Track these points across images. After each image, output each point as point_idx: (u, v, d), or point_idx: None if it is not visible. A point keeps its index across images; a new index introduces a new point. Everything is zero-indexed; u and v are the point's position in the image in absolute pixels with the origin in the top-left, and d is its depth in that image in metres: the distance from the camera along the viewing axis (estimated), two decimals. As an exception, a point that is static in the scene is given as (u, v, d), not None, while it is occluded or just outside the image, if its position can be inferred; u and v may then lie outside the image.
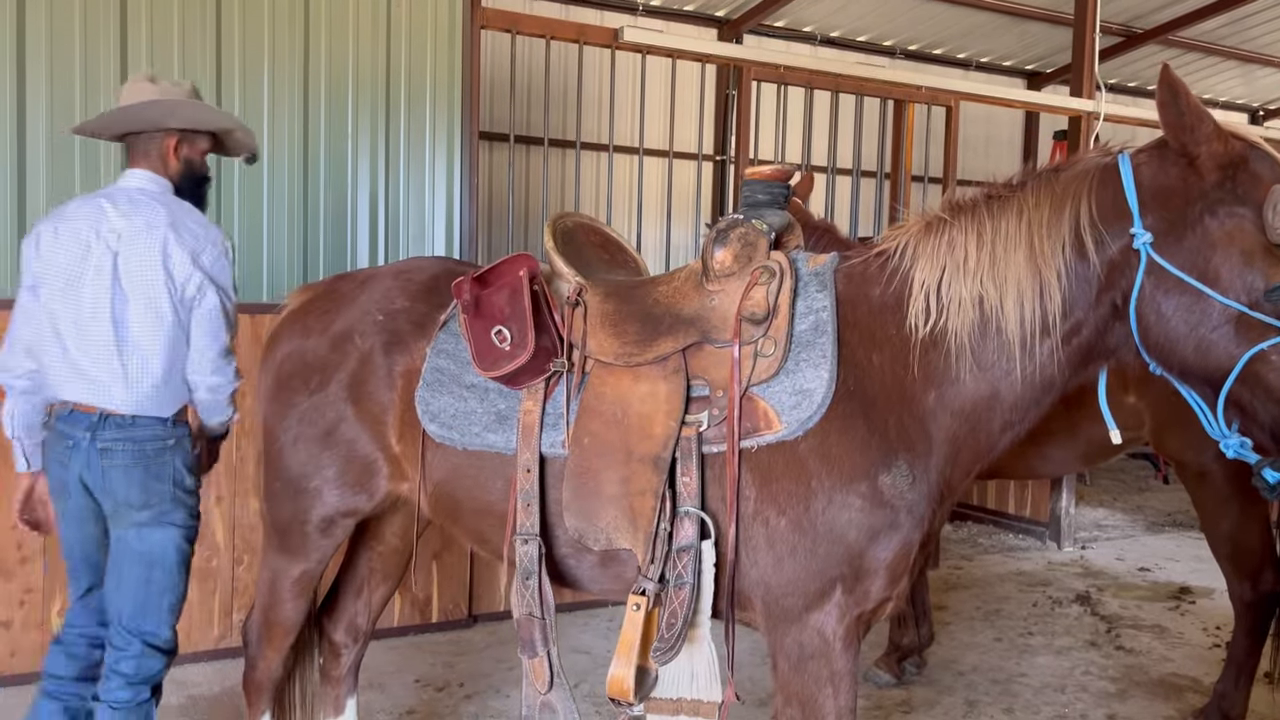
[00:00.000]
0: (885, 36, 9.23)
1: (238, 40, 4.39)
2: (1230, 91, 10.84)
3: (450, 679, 4.15)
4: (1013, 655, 4.53)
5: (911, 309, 2.05)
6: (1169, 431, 3.51)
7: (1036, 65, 9.96)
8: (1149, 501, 8.04)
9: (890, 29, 9.07)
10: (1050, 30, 9.01)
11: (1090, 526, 7.07)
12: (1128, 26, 9.02)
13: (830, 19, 8.82)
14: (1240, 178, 1.78)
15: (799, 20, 8.83)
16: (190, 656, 4.16)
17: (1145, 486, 8.46)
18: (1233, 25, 9.10)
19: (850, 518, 2.03)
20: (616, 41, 4.90)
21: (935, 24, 8.95)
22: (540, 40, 4.96)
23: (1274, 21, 9.05)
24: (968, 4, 8.47)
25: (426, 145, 4.70)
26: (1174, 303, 1.85)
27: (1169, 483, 8.53)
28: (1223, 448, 1.88)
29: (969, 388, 2.02)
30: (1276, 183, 1.74)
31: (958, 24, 8.95)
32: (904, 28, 9.04)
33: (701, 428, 2.13)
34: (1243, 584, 3.53)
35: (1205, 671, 4.36)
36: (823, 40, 9.07)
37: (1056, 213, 1.92)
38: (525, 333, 2.22)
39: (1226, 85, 10.66)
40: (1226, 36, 9.39)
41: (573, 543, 2.25)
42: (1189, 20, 8.83)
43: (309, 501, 2.55)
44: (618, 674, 2.11)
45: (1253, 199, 1.77)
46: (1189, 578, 5.85)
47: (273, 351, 2.66)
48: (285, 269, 4.50)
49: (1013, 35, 9.19)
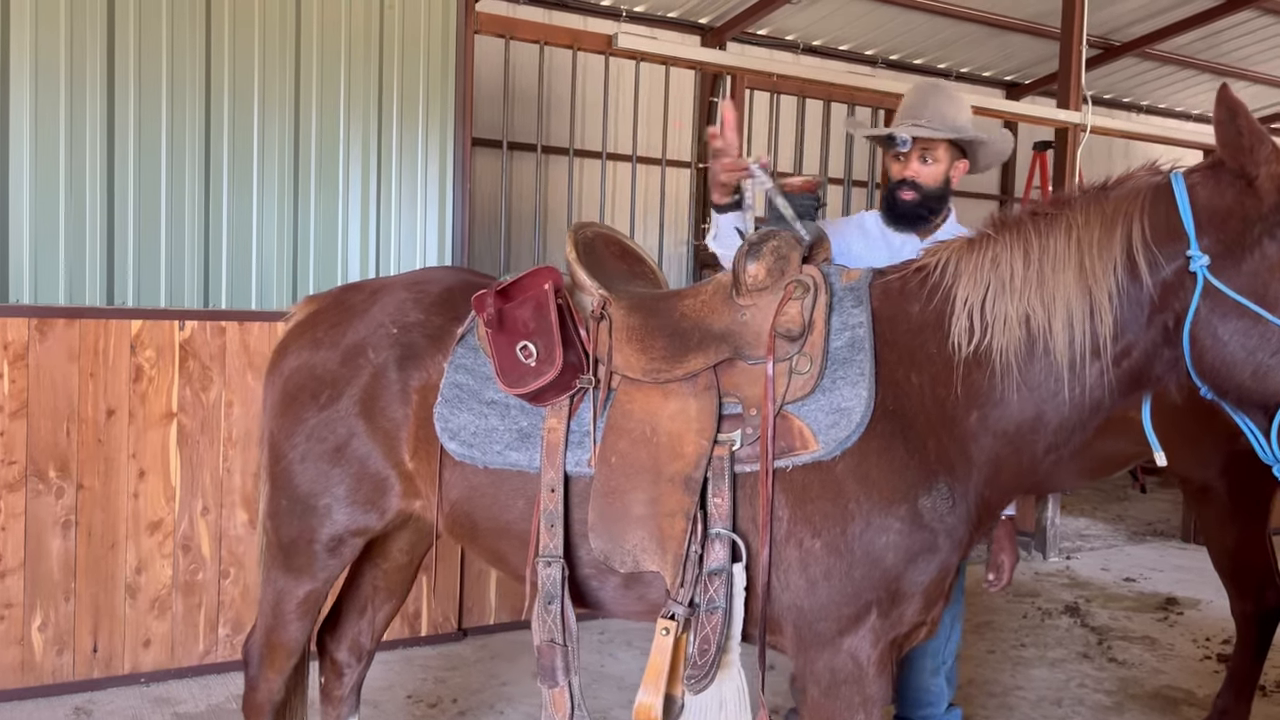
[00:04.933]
0: (867, 46, 9.24)
1: (228, 46, 4.28)
2: (1204, 104, 10.96)
3: (443, 695, 4.06)
4: (1007, 667, 4.52)
5: (954, 327, 2.00)
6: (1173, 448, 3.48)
7: (1015, 76, 10.02)
8: (1128, 511, 8.10)
9: (872, 38, 9.09)
10: (1030, 42, 9.07)
11: (1073, 536, 7.10)
12: (1106, 39, 9.10)
13: (813, 28, 8.81)
14: None
15: (782, 29, 8.82)
16: (175, 673, 4.06)
17: (1124, 496, 8.52)
18: (1207, 40, 9.23)
19: (888, 541, 1.98)
20: (611, 48, 4.85)
21: (917, 34, 8.98)
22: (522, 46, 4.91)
23: (1246, 36, 9.19)
24: (950, 15, 8.50)
25: (419, 150, 4.62)
26: (1231, 327, 1.81)
27: (1146, 492, 8.66)
28: (1276, 472, 1.85)
29: (1014, 409, 1.98)
30: None
31: (939, 34, 8.98)
32: (886, 37, 9.06)
33: (734, 447, 2.07)
34: (1244, 600, 3.53)
35: (1199, 684, 4.37)
36: (805, 49, 9.07)
37: (1108, 232, 1.88)
38: (552, 348, 2.15)
39: (1200, 98, 10.79)
40: (1201, 50, 9.52)
41: (596, 564, 2.18)
42: (1165, 34, 8.94)
43: (318, 520, 2.47)
44: (646, 702, 2.04)
45: None
46: (1174, 588, 5.87)
47: (280, 364, 2.57)
48: (275, 276, 4.40)
49: (993, 46, 9.24)
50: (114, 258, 4.15)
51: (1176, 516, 7.64)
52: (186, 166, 4.23)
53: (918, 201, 2.89)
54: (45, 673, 3.83)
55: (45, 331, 3.77)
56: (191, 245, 4.25)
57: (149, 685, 4.01)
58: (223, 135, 4.29)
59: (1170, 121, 10.91)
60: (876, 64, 9.40)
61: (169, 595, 4.04)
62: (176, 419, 4.01)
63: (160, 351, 3.97)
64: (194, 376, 4.03)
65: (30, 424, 3.77)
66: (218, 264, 4.31)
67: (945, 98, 2.93)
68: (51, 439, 3.80)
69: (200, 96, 4.24)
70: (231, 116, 4.29)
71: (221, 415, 4.09)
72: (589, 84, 6.23)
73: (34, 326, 3.76)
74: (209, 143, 4.28)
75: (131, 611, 3.98)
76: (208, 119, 4.27)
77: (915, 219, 2.91)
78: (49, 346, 3.78)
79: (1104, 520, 7.74)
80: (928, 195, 2.90)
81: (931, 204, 2.92)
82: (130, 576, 3.97)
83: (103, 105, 4.09)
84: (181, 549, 4.05)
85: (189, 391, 4.03)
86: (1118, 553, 6.76)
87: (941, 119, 2.85)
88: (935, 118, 2.85)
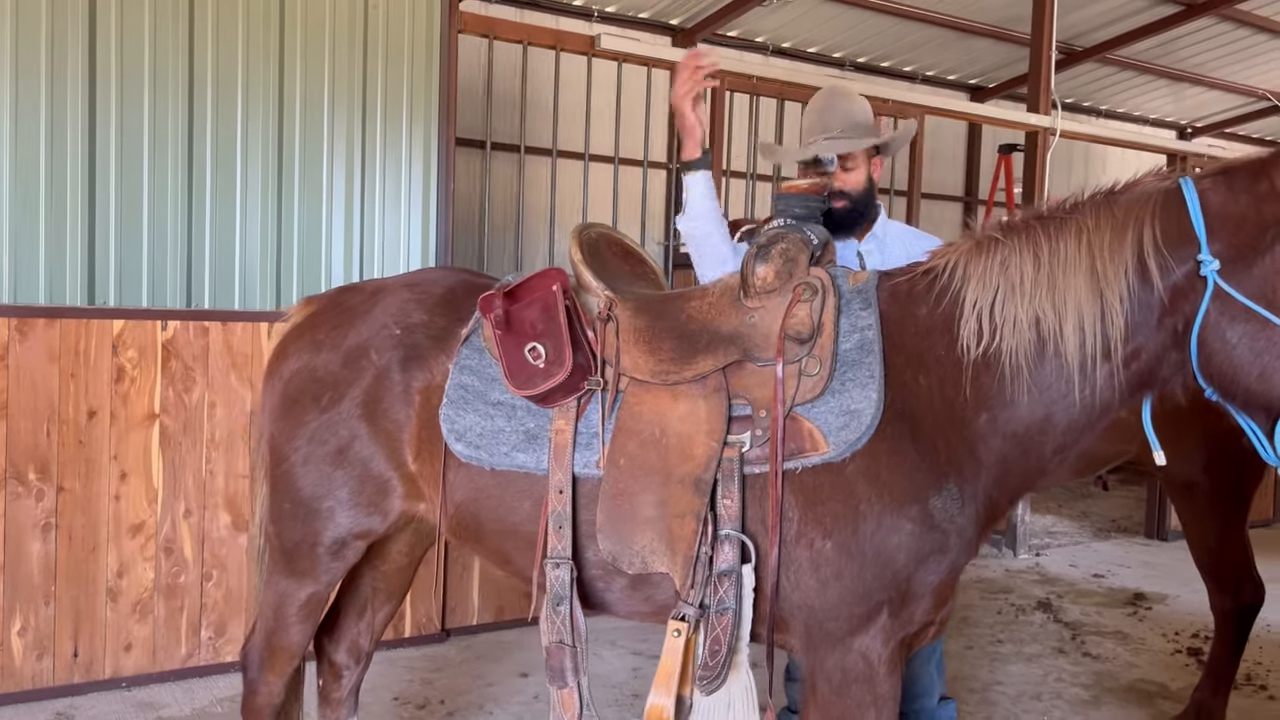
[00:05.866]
0: (836, 49, 9.32)
1: (211, 40, 4.23)
2: (1161, 109, 11.19)
3: (430, 696, 4.05)
4: (985, 663, 4.59)
5: (963, 329, 2.03)
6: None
7: (980, 80, 10.15)
8: (1093, 508, 8.24)
9: (840, 41, 9.16)
10: (995, 46, 9.20)
11: (1042, 534, 7.22)
12: (1069, 45, 9.24)
13: (783, 30, 8.87)
14: None
15: (752, 30, 8.86)
16: (157, 676, 4.02)
17: (1087, 493, 8.67)
18: (1164, 46, 9.42)
19: (900, 541, 2.01)
20: (594, 49, 4.86)
21: (884, 37, 9.07)
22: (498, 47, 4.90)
23: (1201, 44, 9.39)
24: (917, 18, 8.60)
25: (403, 149, 4.60)
26: (1240, 330, 1.86)
27: (1108, 489, 8.81)
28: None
29: (1023, 411, 2.02)
30: None
31: (906, 38, 9.08)
32: (854, 40, 9.14)
33: (744, 448, 2.09)
34: (1223, 595, 3.61)
35: (1171, 677, 4.47)
36: (774, 50, 9.13)
37: (1119, 236, 1.92)
38: (561, 349, 2.16)
39: (1157, 103, 11.00)
40: (1159, 56, 9.71)
41: (603, 565, 2.20)
42: (1124, 40, 9.11)
43: (321, 523, 2.46)
44: (658, 703, 2.07)
45: None
46: (1141, 584, 5.99)
47: (279, 367, 2.55)
48: (258, 275, 4.36)
49: (959, 50, 9.36)
50: (95, 256, 4.09)
51: (1139, 513, 7.79)
52: (169, 165, 4.18)
53: (849, 209, 3.00)
54: (25, 678, 3.78)
55: (25, 332, 3.71)
56: (174, 244, 4.20)
57: (130, 690, 3.96)
58: (206, 133, 4.24)
59: (1129, 125, 11.11)
60: (844, 66, 9.49)
61: (151, 598, 3.99)
62: (159, 420, 3.97)
63: (142, 352, 3.93)
64: (176, 377, 3.99)
65: (9, 425, 3.71)
66: (200, 263, 4.26)
67: (845, 99, 3.02)
68: (31, 440, 3.75)
69: (183, 94, 4.19)
70: (215, 114, 4.24)
71: (204, 416, 4.05)
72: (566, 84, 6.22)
73: (14, 326, 3.70)
74: (192, 141, 4.23)
75: (113, 615, 3.93)
76: (190, 116, 4.22)
77: (850, 225, 3.02)
78: (29, 347, 3.72)
79: (1070, 518, 7.88)
80: (857, 200, 3.01)
81: (862, 208, 3.03)
82: (111, 580, 3.92)
83: (84, 102, 4.03)
84: (163, 551, 4.00)
85: (171, 392, 3.99)
86: (1085, 549, 6.88)
87: (850, 122, 2.94)
88: (845, 124, 2.93)
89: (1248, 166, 1.92)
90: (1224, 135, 11.67)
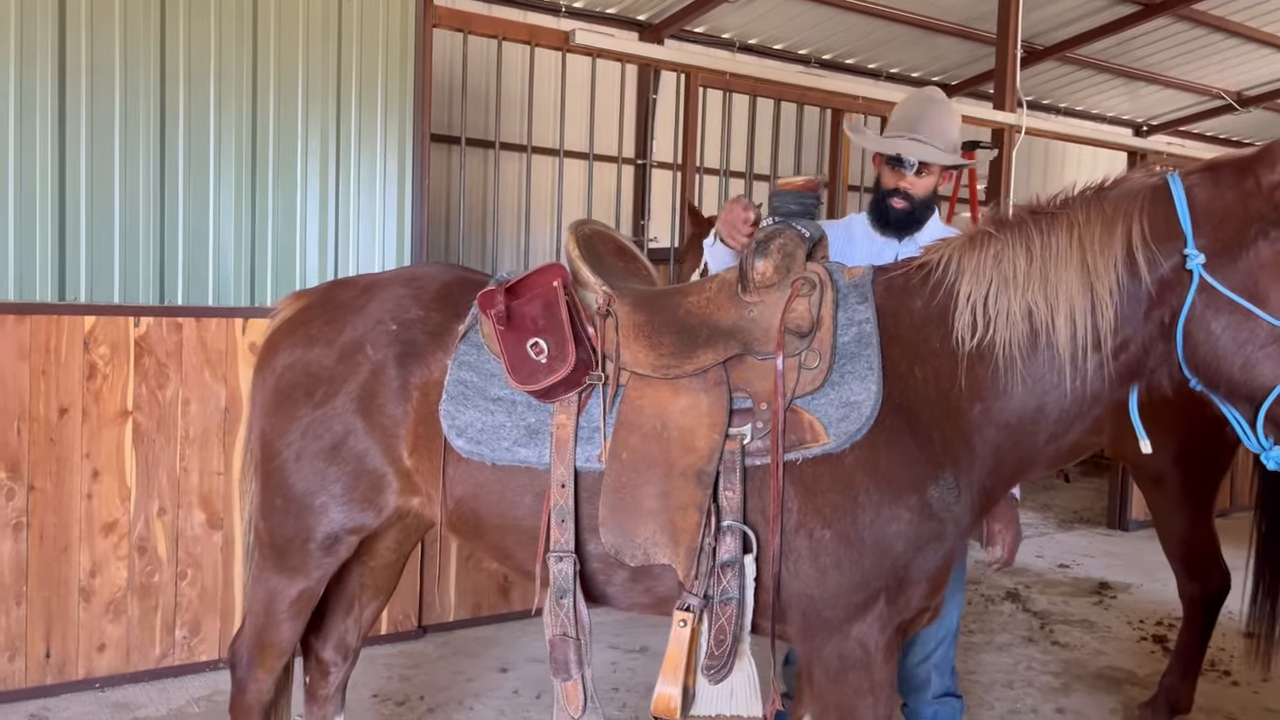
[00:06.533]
0: (801, 45, 9.39)
1: (183, 37, 4.16)
2: (1118, 107, 11.39)
3: (409, 693, 4.04)
4: (959, 653, 4.63)
5: (958, 322, 2.07)
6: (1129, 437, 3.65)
7: (943, 78, 10.27)
8: (1055, 500, 8.38)
9: (807, 38, 9.23)
10: (959, 44, 9.32)
11: (1006, 525, 7.32)
12: (1029, 43, 9.37)
13: (749, 26, 8.92)
14: None
15: (719, 27, 8.91)
16: (130, 677, 3.96)
17: (1050, 485, 8.81)
18: (1121, 45, 9.59)
19: (898, 530, 2.05)
20: (568, 44, 4.85)
21: (850, 34, 9.15)
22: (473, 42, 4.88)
23: (1159, 43, 9.57)
24: (882, 16, 8.68)
25: (378, 144, 4.56)
26: (1223, 322, 1.91)
27: (1070, 481, 8.97)
28: (1264, 459, 1.96)
29: (1016, 401, 2.06)
30: None
31: (871, 35, 9.16)
32: (820, 37, 9.22)
33: (745, 440, 2.11)
34: (1192, 583, 3.70)
35: (1138, 664, 4.57)
36: (741, 47, 9.17)
37: (1108, 230, 1.97)
38: (564, 345, 2.17)
39: (1114, 101, 11.20)
40: (1116, 56, 9.88)
41: (603, 558, 2.21)
42: (1083, 40, 9.26)
43: (314, 519, 2.44)
44: (665, 693, 2.08)
45: None
46: (1105, 573, 6.11)
47: (271, 361, 2.53)
48: (232, 271, 4.30)
49: (923, 48, 9.46)
50: (66, 252, 4.02)
51: (1100, 504, 7.95)
52: (141, 159, 4.11)
53: (908, 211, 3.02)
54: (-3, 680, 3.71)
55: (-5, 328, 3.65)
56: (146, 239, 4.14)
57: (104, 690, 3.90)
58: (178, 127, 4.18)
59: (1087, 123, 11.29)
60: (810, 63, 9.55)
61: (124, 598, 3.94)
62: (132, 417, 3.91)
63: (115, 348, 3.87)
64: (150, 374, 3.94)
65: (-21, 423, 3.64)
66: (173, 259, 4.21)
67: (943, 111, 3.01)
68: (1, 439, 3.68)
69: (155, 87, 4.12)
70: (187, 108, 4.19)
71: (178, 413, 4.00)
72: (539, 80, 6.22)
73: (-17, 323, 3.63)
74: (164, 135, 4.16)
75: (85, 615, 3.87)
76: (163, 110, 4.15)
77: (904, 226, 3.03)
78: (-1, 343, 3.66)
79: (1033, 509, 8.01)
80: (917, 205, 3.02)
81: (920, 213, 3.04)
82: (84, 579, 3.86)
83: (54, 94, 3.96)
84: (137, 550, 3.95)
85: (145, 389, 3.93)
86: (1049, 540, 7.00)
87: (941, 135, 2.94)
88: (935, 134, 2.94)
89: (1233, 164, 1.97)
90: (1178, 133, 11.90)
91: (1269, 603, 3.64)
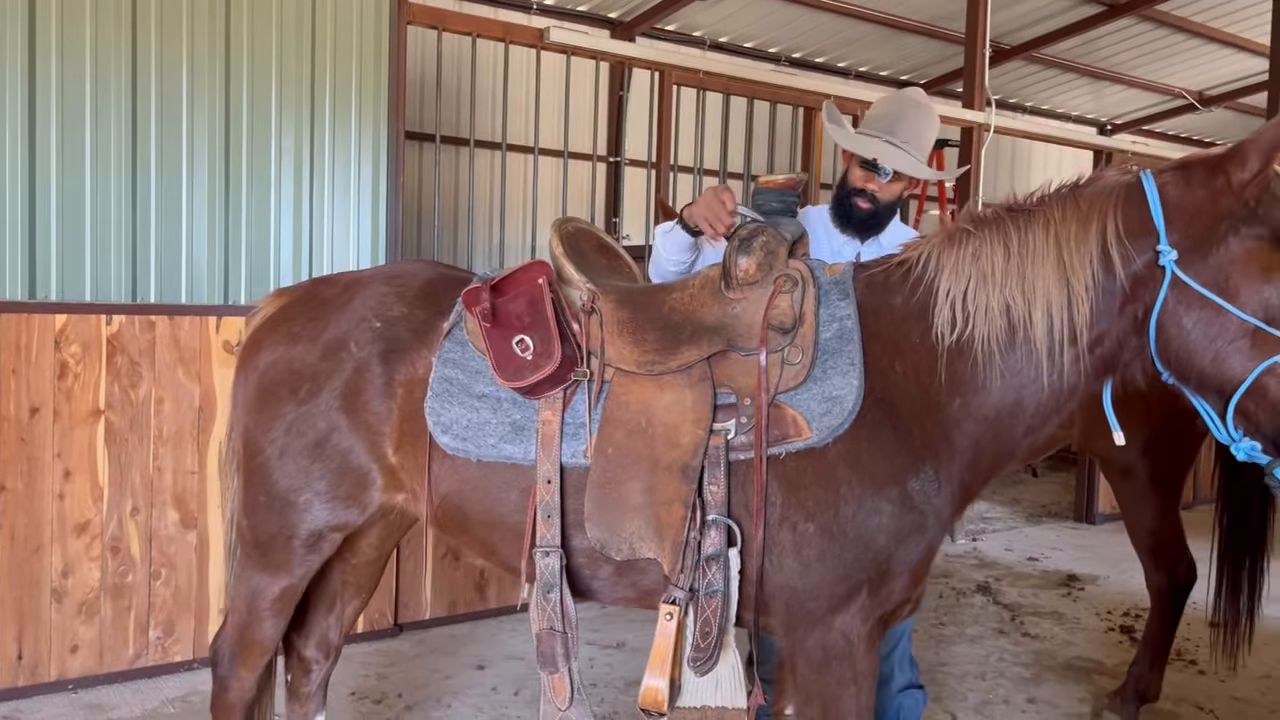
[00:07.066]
0: (771, 44, 9.44)
1: (154, 33, 4.12)
2: (1082, 106, 11.55)
3: (386, 690, 4.04)
4: (931, 645, 4.72)
5: (937, 318, 2.10)
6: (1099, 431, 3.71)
7: (911, 76, 10.36)
8: (1023, 494, 8.49)
9: (776, 36, 9.29)
10: (927, 43, 9.41)
11: (977, 519, 7.42)
12: (996, 43, 9.48)
13: (720, 25, 8.96)
14: (1264, 199, 1.91)
15: (690, 25, 8.94)
16: (104, 678, 3.93)
17: (1018, 479, 8.91)
18: (1085, 46, 9.73)
19: (880, 523, 2.08)
20: (543, 41, 4.86)
21: (819, 33, 9.22)
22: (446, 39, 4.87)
23: (1123, 43, 9.72)
24: (851, 15, 8.75)
25: (352, 141, 4.54)
26: (1195, 317, 1.95)
27: (1038, 476, 9.08)
28: (1234, 450, 2.00)
29: (995, 395, 2.10)
30: None
31: (841, 34, 9.24)
32: (790, 36, 9.27)
33: (729, 435, 2.13)
34: (1160, 574, 3.76)
35: (1106, 654, 4.65)
36: (711, 45, 9.21)
37: (1084, 227, 2.01)
38: (550, 341, 2.19)
39: (1078, 100, 11.35)
40: (1081, 55, 10.02)
41: (589, 553, 2.23)
42: (1049, 39, 9.39)
43: (297, 516, 2.44)
44: (653, 685, 2.10)
45: (1271, 219, 1.90)
46: (1073, 566, 6.21)
47: (253, 359, 2.52)
48: (205, 270, 4.27)
49: (891, 47, 9.55)
50: (36, 249, 3.97)
51: (1067, 498, 8.07)
52: (112, 156, 4.07)
53: (871, 213, 3.00)
54: (-32, 682, 3.67)
55: (-35, 326, 3.60)
56: (118, 236, 4.10)
57: (77, 692, 3.87)
58: (150, 123, 4.15)
59: (1053, 122, 11.44)
60: (780, 61, 9.61)
61: (97, 599, 3.91)
62: (104, 416, 3.88)
63: (86, 347, 3.83)
64: (122, 372, 3.90)
65: (-51, 423, 3.60)
66: (146, 256, 4.17)
67: (923, 116, 2.95)
68: (-28, 439, 3.64)
69: (126, 82, 4.09)
70: (159, 104, 4.15)
71: (151, 412, 3.97)
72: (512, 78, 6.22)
73: (-47, 321, 3.59)
74: (136, 131, 4.13)
75: (58, 616, 3.84)
76: (134, 106, 4.12)
77: (866, 228, 3.02)
78: (-31, 342, 3.61)
79: (1002, 503, 8.11)
80: (882, 208, 3.01)
81: (883, 216, 3.03)
82: (56, 580, 3.82)
83: (23, 91, 3.91)
84: (110, 551, 3.92)
85: (117, 388, 3.90)
86: (1018, 534, 7.09)
87: (918, 140, 2.91)
88: (912, 138, 2.90)
89: (1204, 162, 2.02)
90: (1141, 132, 12.08)
91: (1232, 594, 3.72)
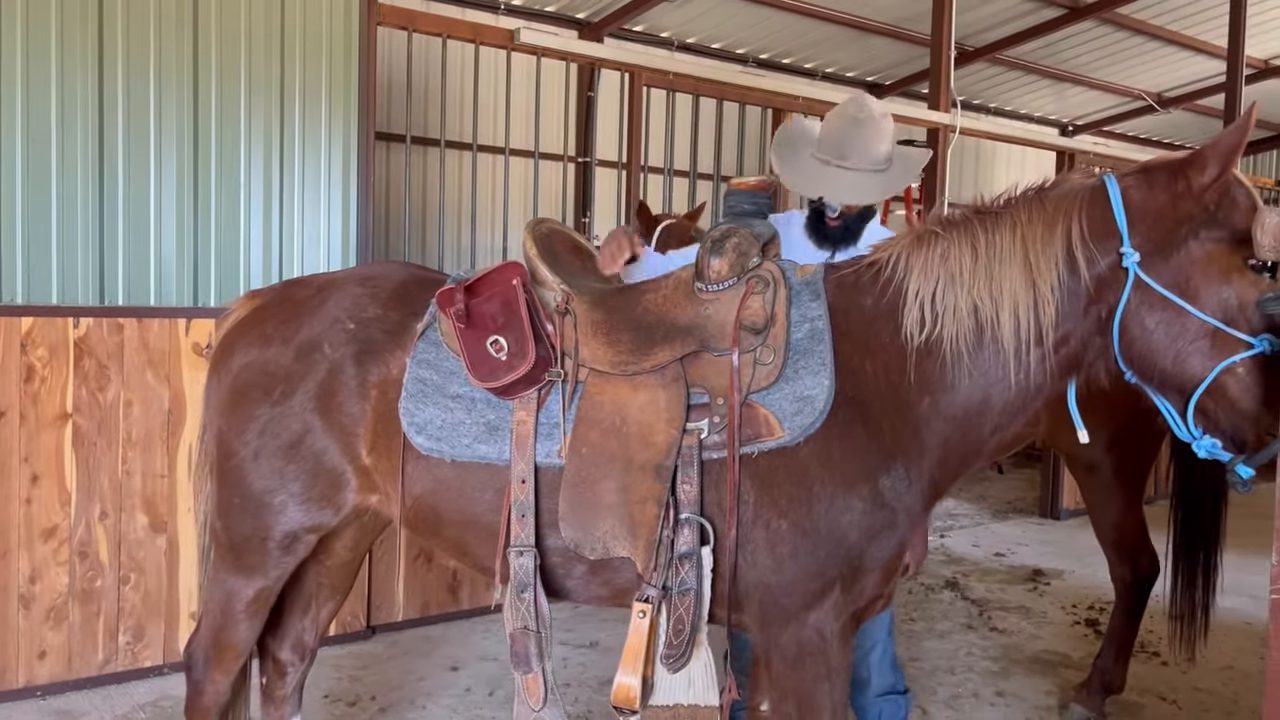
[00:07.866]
0: (738, 45, 9.48)
1: (121, 33, 4.09)
2: (1044, 108, 11.69)
3: (360, 693, 4.03)
4: (901, 641, 4.77)
5: (906, 318, 2.14)
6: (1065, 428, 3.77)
7: (877, 78, 10.44)
8: (989, 491, 8.59)
9: (743, 37, 9.32)
10: (892, 45, 9.48)
11: (944, 516, 7.51)
12: (960, 45, 9.57)
13: (687, 25, 8.98)
14: (1223, 203, 1.96)
15: (657, 26, 8.96)
16: (73, 684, 3.90)
17: (984, 476, 9.02)
18: (1049, 48, 9.85)
19: (852, 520, 2.11)
20: (513, 43, 4.87)
21: (786, 34, 9.26)
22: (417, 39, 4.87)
23: (1081, 46, 9.86)
24: (817, 16, 8.80)
25: (322, 143, 4.53)
26: (1156, 317, 2.01)
27: (1003, 472, 9.20)
28: (1195, 448, 2.05)
29: (963, 394, 2.14)
30: (1250, 208, 1.93)
31: (807, 35, 9.29)
32: (757, 37, 9.31)
33: (702, 435, 2.16)
34: (1123, 567, 3.84)
35: (1072, 647, 4.72)
36: (679, 46, 9.24)
37: (1049, 229, 2.06)
38: (524, 342, 2.20)
39: (1041, 101, 11.49)
40: (1044, 57, 10.15)
41: (563, 552, 2.24)
42: (1012, 41, 9.50)
43: (272, 517, 2.44)
44: (625, 683, 2.12)
45: (1230, 223, 1.95)
46: (1039, 561, 6.29)
47: (226, 361, 2.52)
48: (174, 271, 4.24)
49: (857, 48, 9.62)
50: (0, 251, 3.93)
51: (1032, 494, 8.17)
52: (79, 157, 4.04)
53: (842, 228, 2.99)
54: (-66, 690, 3.63)
55: (-71, 330, 3.56)
56: (85, 239, 4.07)
57: (46, 699, 3.83)
58: (117, 124, 4.11)
59: (1015, 123, 11.57)
60: (748, 62, 9.65)
61: (65, 604, 3.87)
62: (72, 420, 3.85)
63: (53, 350, 3.80)
64: (90, 376, 3.87)
65: (-87, 428, 3.55)
66: (113, 258, 4.13)
67: (871, 131, 2.87)
68: (-63, 444, 3.60)
69: (93, 83, 4.05)
70: (127, 105, 4.12)
71: (120, 415, 3.94)
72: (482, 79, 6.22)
73: (-83, 325, 3.54)
74: (103, 132, 4.09)
75: (25, 622, 3.80)
76: (101, 107, 4.08)
77: (838, 241, 3.00)
78: (-66, 346, 3.57)
79: (968, 500, 8.20)
80: (850, 222, 2.98)
81: (854, 226, 2.99)
82: (24, 586, 3.79)
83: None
84: (78, 555, 3.88)
85: (85, 391, 3.87)
86: (984, 530, 7.18)
87: (867, 155, 2.86)
88: (860, 157, 2.86)
89: (1166, 167, 2.07)
90: (1102, 133, 12.25)
91: (1188, 588, 3.80)
